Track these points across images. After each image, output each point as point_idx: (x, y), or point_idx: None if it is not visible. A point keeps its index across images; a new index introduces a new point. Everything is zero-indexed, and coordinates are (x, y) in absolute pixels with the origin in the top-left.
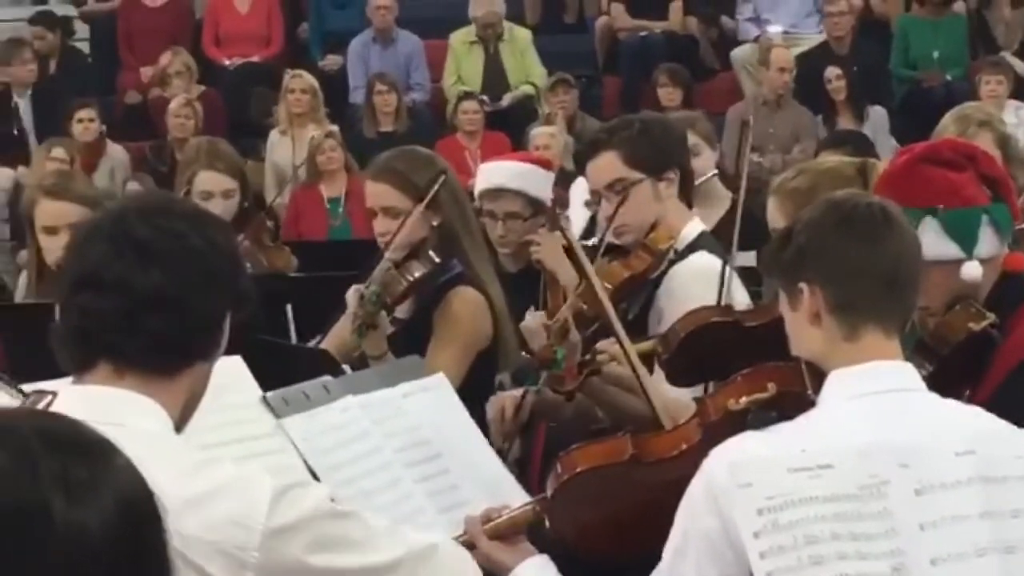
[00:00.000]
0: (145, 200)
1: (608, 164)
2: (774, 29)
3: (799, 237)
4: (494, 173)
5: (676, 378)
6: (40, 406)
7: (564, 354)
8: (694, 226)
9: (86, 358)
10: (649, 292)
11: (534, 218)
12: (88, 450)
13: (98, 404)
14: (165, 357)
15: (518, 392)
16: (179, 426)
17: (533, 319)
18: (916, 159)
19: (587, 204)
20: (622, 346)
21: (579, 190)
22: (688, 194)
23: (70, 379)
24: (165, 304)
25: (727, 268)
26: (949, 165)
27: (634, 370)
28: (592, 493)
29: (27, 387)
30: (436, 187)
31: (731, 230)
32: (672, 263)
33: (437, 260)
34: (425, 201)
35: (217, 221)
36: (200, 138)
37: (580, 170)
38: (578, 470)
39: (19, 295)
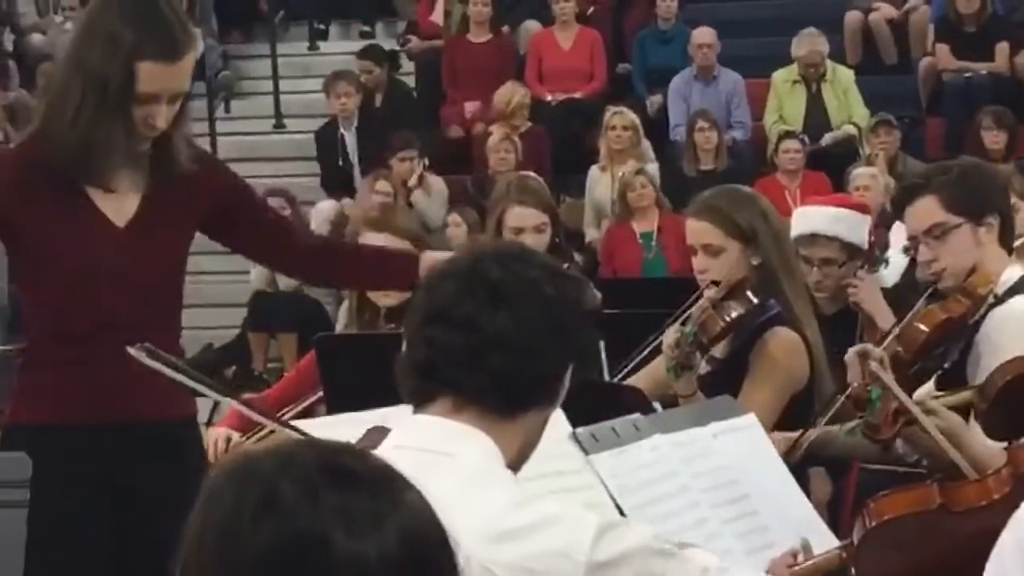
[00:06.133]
0: (503, 246)
1: (927, 209)
2: None
3: None
4: (809, 218)
5: (993, 431)
6: (379, 441)
7: (880, 394)
8: (1014, 271)
9: (428, 390)
10: (968, 337)
11: (850, 262)
12: (373, 484)
13: (433, 433)
14: (504, 398)
15: (793, 434)
16: (512, 470)
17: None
18: None
19: (905, 249)
20: (916, 412)
21: (899, 233)
22: (1008, 240)
23: (393, 409)
24: (510, 346)
25: None
26: None
27: (934, 436)
28: (898, 541)
29: (349, 416)
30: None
31: None
32: (991, 307)
33: (755, 301)
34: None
35: (572, 275)
36: (510, 174)
37: (896, 214)
38: (885, 518)
39: (340, 325)
